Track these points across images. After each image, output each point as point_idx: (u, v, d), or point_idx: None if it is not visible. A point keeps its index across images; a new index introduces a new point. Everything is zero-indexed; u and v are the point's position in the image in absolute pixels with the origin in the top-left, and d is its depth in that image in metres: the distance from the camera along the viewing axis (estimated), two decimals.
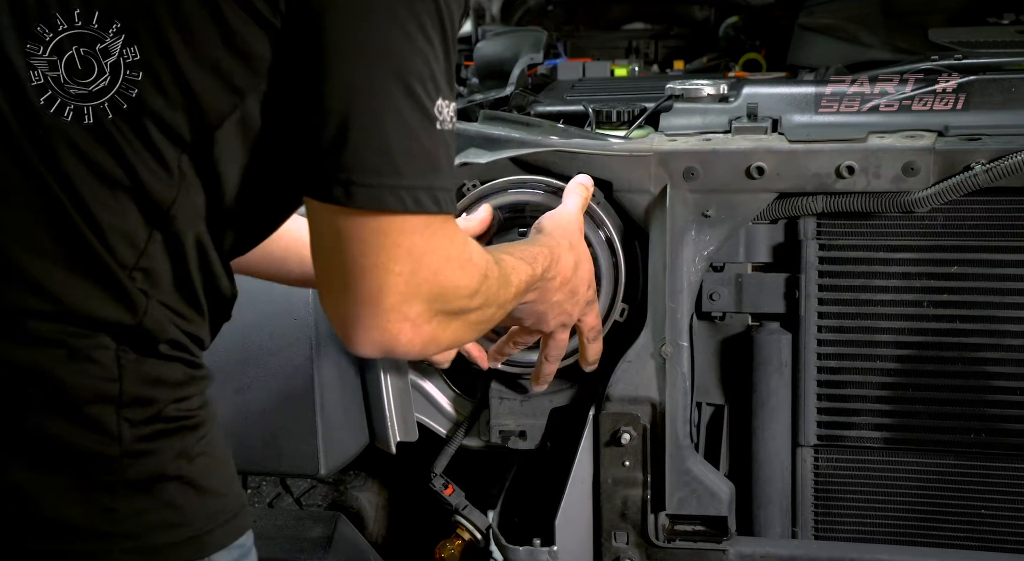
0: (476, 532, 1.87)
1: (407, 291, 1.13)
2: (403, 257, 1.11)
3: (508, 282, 1.34)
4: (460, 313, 1.22)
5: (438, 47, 1.10)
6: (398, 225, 1.10)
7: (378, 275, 1.12)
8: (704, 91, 1.79)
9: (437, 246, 1.14)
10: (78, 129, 1.09)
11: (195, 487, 1.17)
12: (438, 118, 1.10)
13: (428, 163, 1.10)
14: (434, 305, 1.16)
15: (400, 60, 1.07)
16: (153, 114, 1.09)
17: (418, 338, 1.16)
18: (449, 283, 1.17)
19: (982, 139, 1.62)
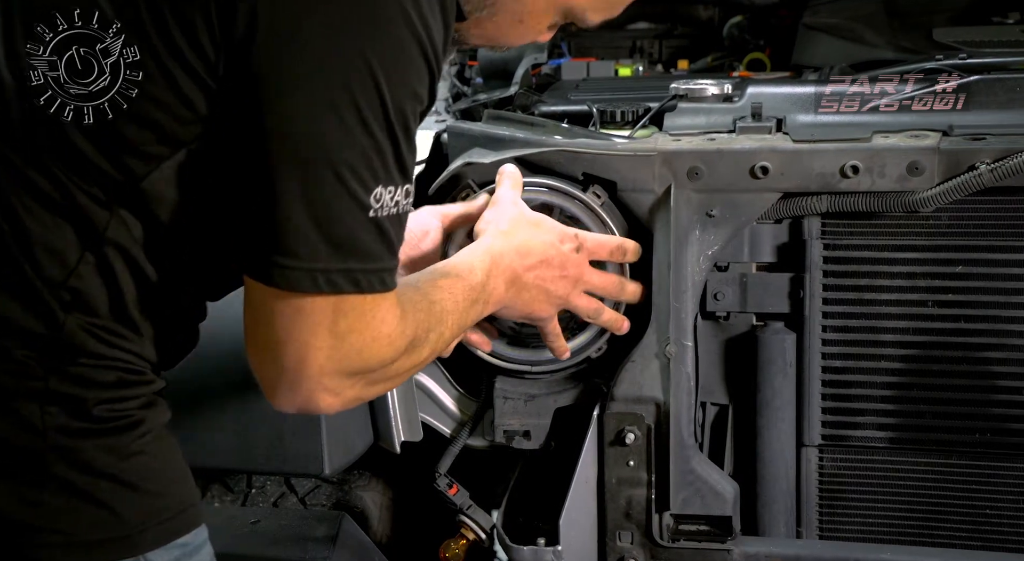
0: (480, 532, 1.87)
1: (328, 365, 1.16)
2: (324, 334, 1.15)
3: (442, 319, 1.35)
4: (389, 377, 1.26)
5: (381, 138, 1.11)
6: (317, 305, 1.13)
7: (299, 348, 1.15)
8: (708, 91, 1.79)
9: (363, 327, 1.17)
10: (25, 144, 1.12)
11: (128, 485, 1.19)
12: (372, 206, 1.12)
13: (353, 248, 1.13)
14: (357, 376, 1.20)
15: (332, 149, 1.09)
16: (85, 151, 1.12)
17: (339, 402, 1.21)
18: (374, 359, 1.20)
19: (987, 139, 1.61)
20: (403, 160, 1.13)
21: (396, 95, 1.10)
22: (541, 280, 1.56)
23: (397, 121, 1.11)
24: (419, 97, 1.14)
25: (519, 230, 1.55)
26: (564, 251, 1.58)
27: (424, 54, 1.12)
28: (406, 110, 1.12)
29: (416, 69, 1.12)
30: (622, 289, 1.67)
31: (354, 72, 1.07)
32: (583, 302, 1.63)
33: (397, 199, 1.14)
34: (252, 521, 1.84)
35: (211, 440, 1.76)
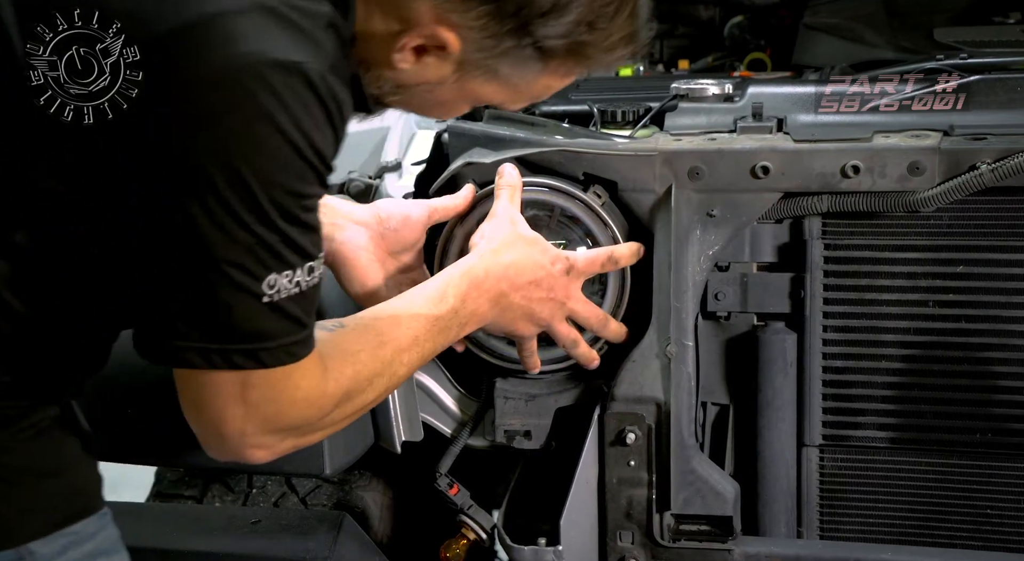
0: (481, 532, 1.87)
1: (248, 429, 1.22)
2: (235, 405, 1.20)
3: (395, 358, 1.38)
4: (323, 427, 1.31)
5: (263, 233, 1.13)
6: (222, 379, 1.19)
7: (214, 417, 1.21)
8: (709, 91, 1.79)
9: (276, 395, 1.21)
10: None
11: (3, 479, 1.22)
12: (266, 293, 1.15)
13: (250, 332, 1.16)
14: (285, 434, 1.26)
15: (215, 249, 1.12)
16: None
17: (271, 454, 1.27)
18: (295, 420, 1.25)
19: (987, 139, 1.61)
20: (296, 244, 1.16)
21: (272, 196, 1.12)
22: (527, 300, 1.58)
23: (280, 215, 1.13)
24: (301, 194, 1.16)
25: (510, 249, 1.57)
26: (554, 273, 1.60)
27: (301, 155, 1.13)
28: (286, 205, 1.14)
29: (293, 170, 1.13)
30: (605, 325, 1.69)
31: (225, 178, 1.10)
32: (563, 329, 1.66)
33: (298, 280, 1.17)
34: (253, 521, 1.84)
35: None
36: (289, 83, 1.10)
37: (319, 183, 1.17)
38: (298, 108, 1.11)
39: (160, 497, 2.17)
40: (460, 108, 1.39)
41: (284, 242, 1.15)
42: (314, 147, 1.14)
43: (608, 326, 1.69)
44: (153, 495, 2.19)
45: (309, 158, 1.14)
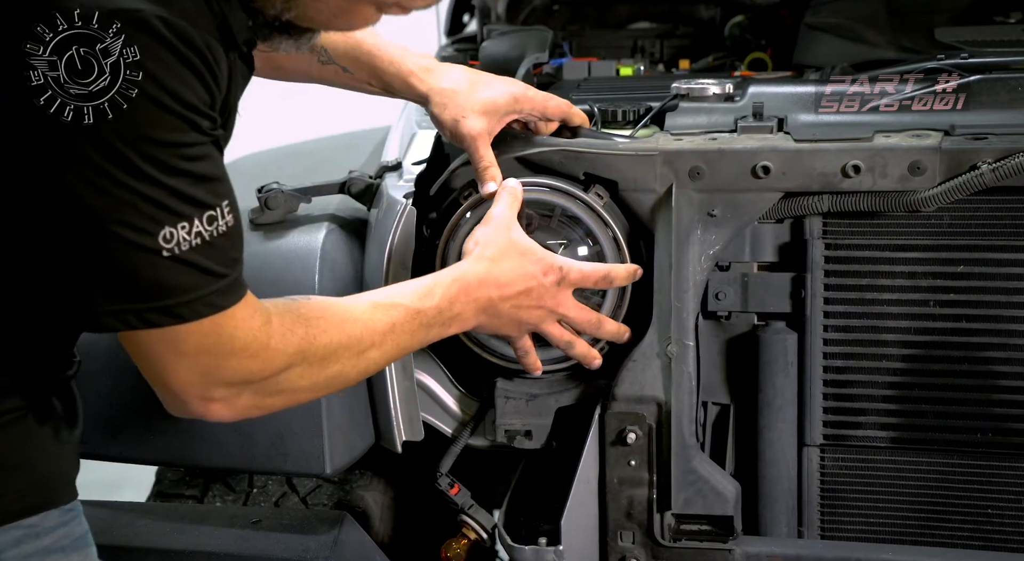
0: (482, 531, 1.86)
1: (195, 381, 1.24)
2: (172, 358, 1.22)
3: (364, 338, 1.39)
4: (280, 387, 1.31)
5: (142, 186, 1.13)
6: (152, 338, 1.20)
7: (159, 372, 1.24)
8: (710, 90, 1.79)
9: (209, 346, 1.22)
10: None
11: None
12: (164, 247, 1.15)
13: (161, 289, 1.17)
14: (235, 388, 1.27)
15: (102, 213, 1.13)
16: None
17: (231, 411, 1.29)
18: (240, 372, 1.26)
19: (988, 138, 1.61)
20: (186, 195, 1.16)
21: (140, 150, 1.12)
22: (516, 309, 1.59)
23: (157, 168, 1.13)
24: (175, 143, 1.15)
25: (503, 258, 1.57)
26: (545, 283, 1.60)
27: (160, 104, 1.13)
28: (161, 157, 1.14)
29: (156, 121, 1.13)
30: (599, 327, 1.69)
31: (88, 140, 1.10)
32: (555, 330, 1.66)
33: (198, 230, 1.17)
34: (253, 521, 1.84)
35: (213, 440, 1.76)
36: (127, 34, 1.09)
37: (194, 130, 1.16)
38: (144, 58, 1.11)
39: (161, 497, 2.17)
40: (362, 15, 1.36)
41: (172, 194, 1.15)
42: (172, 93, 1.13)
43: (603, 327, 1.69)
44: (154, 495, 2.19)
45: (170, 106, 1.13)
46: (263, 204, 1.81)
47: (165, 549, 1.75)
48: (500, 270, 1.57)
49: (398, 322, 1.44)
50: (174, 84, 1.13)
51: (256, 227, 1.81)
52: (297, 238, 1.78)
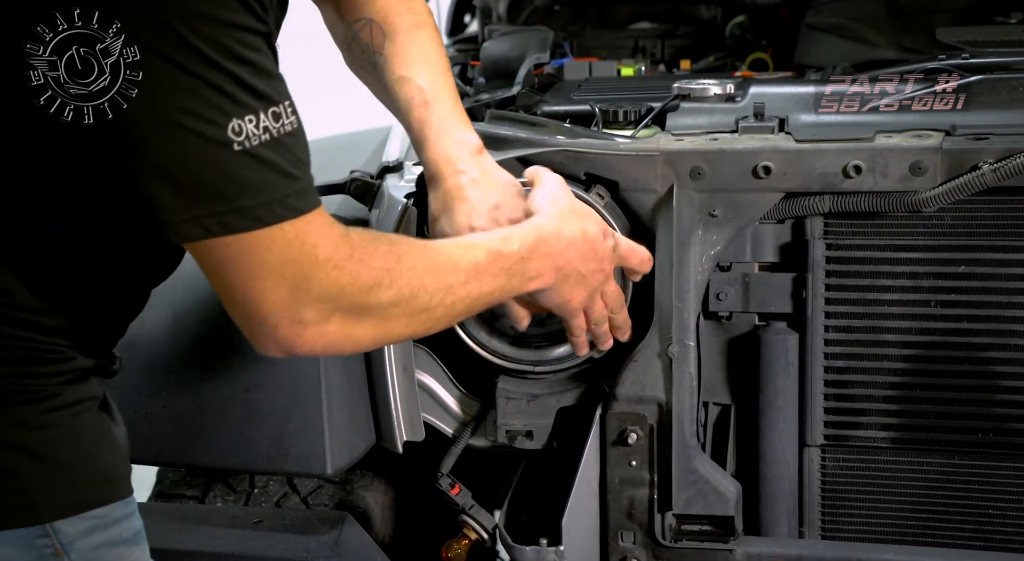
0: (482, 532, 1.86)
1: (281, 300, 1.18)
2: (258, 272, 1.16)
3: (447, 273, 1.34)
4: (370, 309, 1.25)
5: (205, 70, 1.09)
6: (235, 249, 1.15)
7: (244, 292, 1.18)
8: (711, 91, 1.79)
9: (294, 254, 1.17)
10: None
11: (35, 455, 1.22)
12: (235, 140, 1.11)
13: (235, 187, 1.13)
14: (325, 306, 1.21)
15: (166, 105, 1.09)
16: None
17: (321, 339, 1.23)
18: (328, 285, 1.20)
19: (989, 139, 1.61)
20: (249, 85, 1.12)
21: (197, 29, 1.09)
22: (586, 269, 1.53)
23: (217, 51, 1.10)
24: (231, 23, 1.12)
25: (571, 216, 1.52)
26: (607, 247, 1.56)
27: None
28: (219, 39, 1.10)
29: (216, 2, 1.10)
30: (622, 307, 1.66)
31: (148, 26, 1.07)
32: (599, 305, 1.61)
33: (265, 125, 1.13)
34: (254, 521, 1.84)
35: (213, 440, 1.76)
36: None
37: (250, 13, 1.13)
38: None
39: (162, 497, 2.17)
40: None
41: (235, 82, 1.11)
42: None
43: (624, 310, 1.66)
44: (155, 495, 2.19)
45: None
46: None
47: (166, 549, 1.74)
48: (570, 227, 1.51)
49: (481, 263, 1.38)
50: None
51: None
52: None
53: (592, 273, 1.55)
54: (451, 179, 1.57)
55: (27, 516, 1.22)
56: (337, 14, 1.64)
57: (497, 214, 1.55)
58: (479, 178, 1.57)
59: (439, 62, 1.63)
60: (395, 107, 1.62)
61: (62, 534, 1.24)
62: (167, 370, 1.77)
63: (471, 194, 1.56)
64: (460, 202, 1.56)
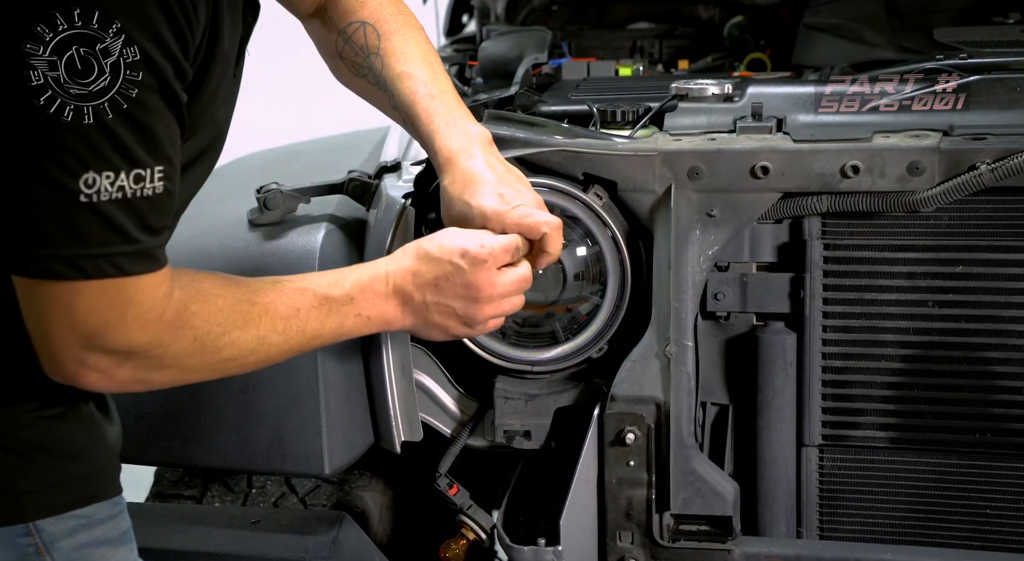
0: (481, 532, 1.87)
1: (71, 344, 1.19)
2: (60, 312, 1.17)
3: (263, 321, 1.34)
4: (167, 363, 1.26)
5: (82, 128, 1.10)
6: (48, 289, 1.16)
7: (42, 324, 1.19)
8: (709, 91, 1.79)
9: (103, 307, 1.18)
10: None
11: (18, 455, 1.23)
12: (83, 192, 1.12)
13: (70, 235, 1.13)
14: (116, 357, 1.22)
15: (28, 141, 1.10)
16: None
17: (108, 382, 1.23)
18: (125, 341, 1.21)
19: (987, 139, 1.61)
20: (119, 142, 1.12)
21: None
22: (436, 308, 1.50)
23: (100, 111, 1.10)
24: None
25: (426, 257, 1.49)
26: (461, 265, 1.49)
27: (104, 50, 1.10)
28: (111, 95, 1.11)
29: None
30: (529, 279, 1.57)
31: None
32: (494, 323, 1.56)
33: (121, 185, 1.13)
34: (252, 521, 1.84)
35: (212, 440, 1.76)
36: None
37: (150, 72, 1.13)
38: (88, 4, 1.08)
39: (159, 497, 2.17)
40: None
41: (104, 136, 1.11)
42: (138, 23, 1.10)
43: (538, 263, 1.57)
44: (152, 495, 2.19)
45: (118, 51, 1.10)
46: (262, 204, 1.81)
47: (164, 549, 1.75)
48: (414, 262, 1.49)
49: (302, 308, 1.38)
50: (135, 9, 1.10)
51: (255, 227, 1.81)
52: (296, 238, 1.78)
53: (463, 303, 1.50)
54: (467, 162, 1.57)
55: (9, 515, 1.23)
56: (325, 25, 1.65)
57: (514, 197, 1.54)
58: (495, 162, 1.57)
59: (436, 60, 1.64)
60: (396, 102, 1.62)
61: (45, 533, 1.24)
62: None
63: (489, 176, 1.55)
64: (479, 182, 1.55)
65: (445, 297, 1.50)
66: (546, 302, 1.78)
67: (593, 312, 1.76)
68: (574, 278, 1.76)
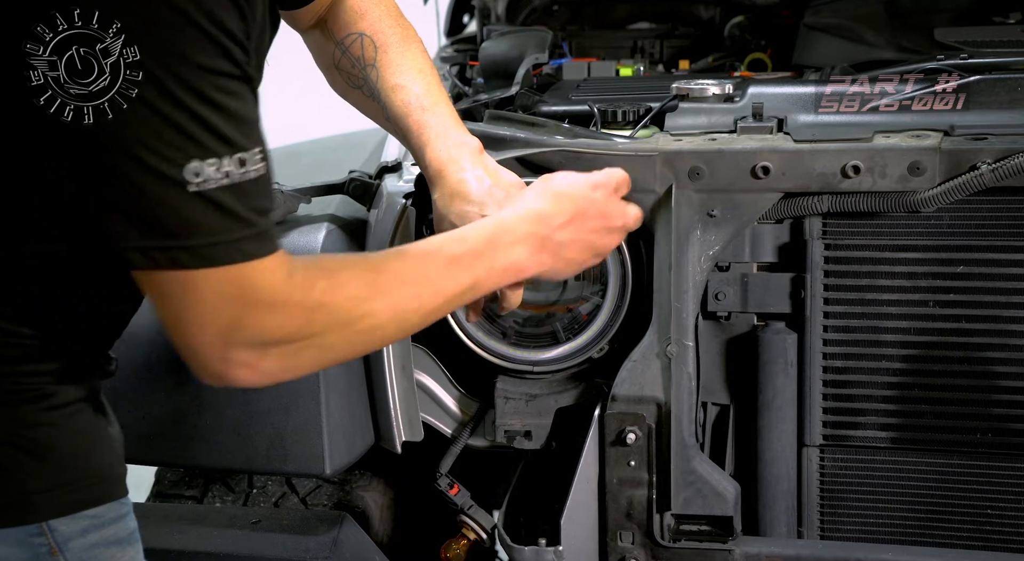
0: (481, 532, 1.87)
1: (212, 341, 1.18)
2: (193, 309, 1.17)
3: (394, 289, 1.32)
4: (307, 344, 1.24)
5: (170, 109, 1.10)
6: (176, 283, 1.15)
7: (179, 326, 1.19)
8: (709, 91, 1.79)
9: (234, 296, 1.17)
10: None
11: (31, 454, 1.22)
12: (192, 182, 1.11)
13: (185, 227, 1.13)
14: (259, 346, 1.21)
15: (128, 138, 1.09)
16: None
17: (255, 374, 1.22)
18: (261, 329, 1.20)
19: (988, 139, 1.61)
20: (216, 129, 1.12)
21: (171, 67, 1.09)
22: (579, 238, 1.50)
23: (192, 96, 1.10)
24: (205, 67, 1.12)
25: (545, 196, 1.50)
26: (596, 198, 1.52)
27: (193, 22, 1.10)
28: (198, 85, 1.11)
29: (187, 39, 1.10)
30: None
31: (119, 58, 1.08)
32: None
33: (227, 170, 1.13)
34: (253, 521, 1.84)
35: (212, 440, 1.76)
36: None
37: (228, 59, 1.13)
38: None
39: (160, 497, 2.17)
40: None
41: (202, 126, 1.11)
42: (207, 11, 1.10)
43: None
44: (153, 495, 2.19)
45: (203, 24, 1.10)
46: None
47: (165, 549, 1.75)
48: (542, 204, 1.48)
49: (432, 270, 1.36)
50: (211, 5, 1.10)
51: None
52: (297, 238, 1.78)
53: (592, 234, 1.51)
54: (455, 176, 1.58)
55: (24, 514, 1.23)
56: (324, 36, 1.66)
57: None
58: (483, 176, 1.58)
59: (432, 73, 1.64)
60: (389, 114, 1.63)
61: (58, 533, 1.24)
62: (166, 370, 1.77)
63: (477, 191, 1.57)
64: (466, 199, 1.56)
65: (582, 231, 1.50)
66: (547, 302, 1.78)
67: (594, 312, 1.76)
68: (575, 278, 1.76)
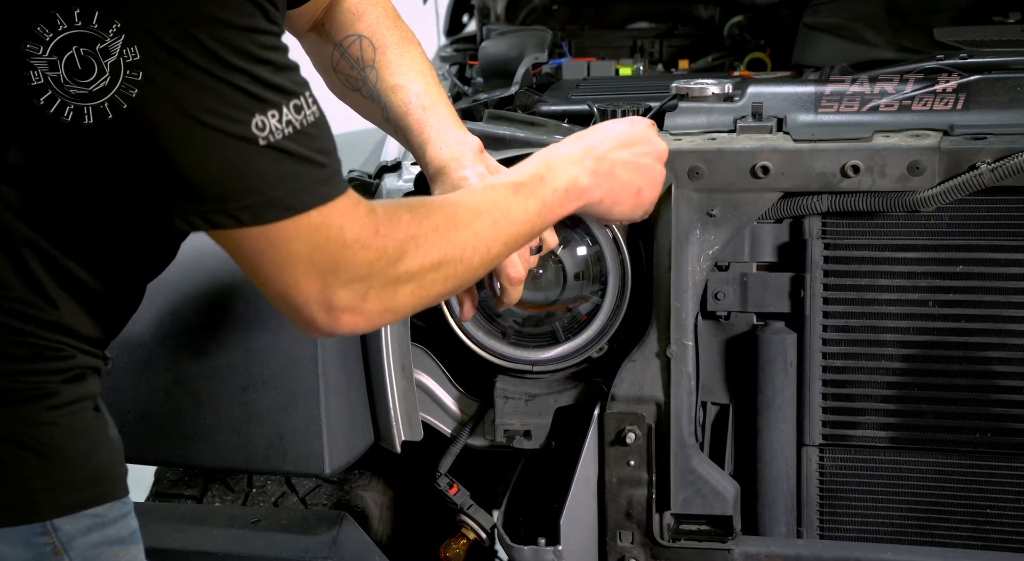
0: (481, 531, 1.87)
1: (313, 288, 1.19)
2: (288, 262, 1.17)
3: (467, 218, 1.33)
4: (403, 279, 1.25)
5: (224, 72, 1.10)
6: (257, 239, 1.16)
7: (277, 282, 1.19)
8: (709, 90, 1.79)
9: (322, 241, 1.18)
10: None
11: (35, 453, 1.22)
12: (259, 136, 1.12)
13: (263, 180, 1.13)
14: (357, 287, 1.21)
15: (189, 104, 1.09)
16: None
17: (361, 318, 1.23)
18: (357, 266, 1.21)
19: (987, 138, 1.61)
20: (269, 82, 1.13)
21: (215, 34, 1.09)
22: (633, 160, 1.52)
23: (240, 57, 1.11)
24: (246, 27, 1.12)
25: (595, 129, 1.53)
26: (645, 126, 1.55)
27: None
28: (242, 44, 1.11)
29: (226, 3, 1.10)
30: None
31: (164, 27, 1.08)
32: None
33: (288, 118, 1.14)
34: (253, 521, 1.84)
35: (212, 440, 1.76)
36: None
37: (265, 18, 1.14)
38: None
39: (160, 497, 2.17)
40: None
41: (256, 81, 1.12)
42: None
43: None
44: (153, 495, 2.19)
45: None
46: None
47: (164, 549, 1.74)
48: (586, 135, 1.51)
49: (500, 198, 1.38)
50: None
51: None
52: None
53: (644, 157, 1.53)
54: (457, 174, 1.58)
55: (27, 513, 1.22)
56: (321, 38, 1.66)
57: None
58: (484, 173, 1.59)
59: (431, 74, 1.65)
60: (389, 114, 1.64)
61: (62, 532, 1.24)
62: (165, 369, 1.77)
63: None
64: None
65: (632, 154, 1.52)
66: (546, 302, 1.78)
67: (593, 312, 1.76)
68: (574, 278, 1.76)
